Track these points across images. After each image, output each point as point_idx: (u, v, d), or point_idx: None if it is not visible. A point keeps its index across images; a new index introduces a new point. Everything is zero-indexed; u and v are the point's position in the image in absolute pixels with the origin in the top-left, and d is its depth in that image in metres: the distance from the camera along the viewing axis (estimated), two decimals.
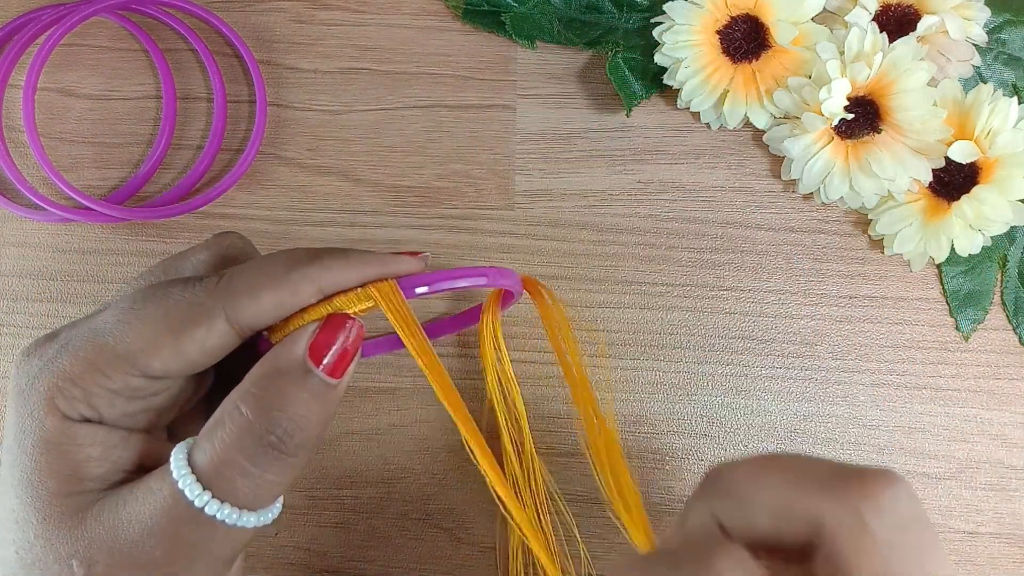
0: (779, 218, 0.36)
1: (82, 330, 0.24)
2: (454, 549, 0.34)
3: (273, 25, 0.37)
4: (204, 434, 0.23)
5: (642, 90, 0.35)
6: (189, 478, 0.22)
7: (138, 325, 0.23)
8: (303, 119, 0.37)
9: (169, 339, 0.23)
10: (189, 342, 0.23)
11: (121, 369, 0.23)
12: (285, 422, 0.23)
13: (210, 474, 0.22)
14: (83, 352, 0.23)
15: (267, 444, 0.23)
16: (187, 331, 0.23)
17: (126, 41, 0.37)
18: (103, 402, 0.23)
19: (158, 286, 0.24)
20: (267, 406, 0.23)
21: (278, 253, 0.25)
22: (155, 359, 0.23)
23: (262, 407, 0.23)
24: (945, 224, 0.33)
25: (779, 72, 0.34)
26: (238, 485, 0.23)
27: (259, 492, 0.23)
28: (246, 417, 0.23)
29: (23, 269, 0.36)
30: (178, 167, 0.36)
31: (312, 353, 0.23)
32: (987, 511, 0.34)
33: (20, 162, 0.36)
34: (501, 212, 0.36)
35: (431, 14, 0.37)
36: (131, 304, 0.24)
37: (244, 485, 0.23)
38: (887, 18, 0.34)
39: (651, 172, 0.36)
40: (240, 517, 0.23)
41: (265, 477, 0.23)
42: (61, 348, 0.23)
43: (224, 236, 0.28)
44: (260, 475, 0.23)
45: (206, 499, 0.22)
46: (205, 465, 0.22)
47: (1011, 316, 0.35)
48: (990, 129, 0.32)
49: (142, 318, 0.23)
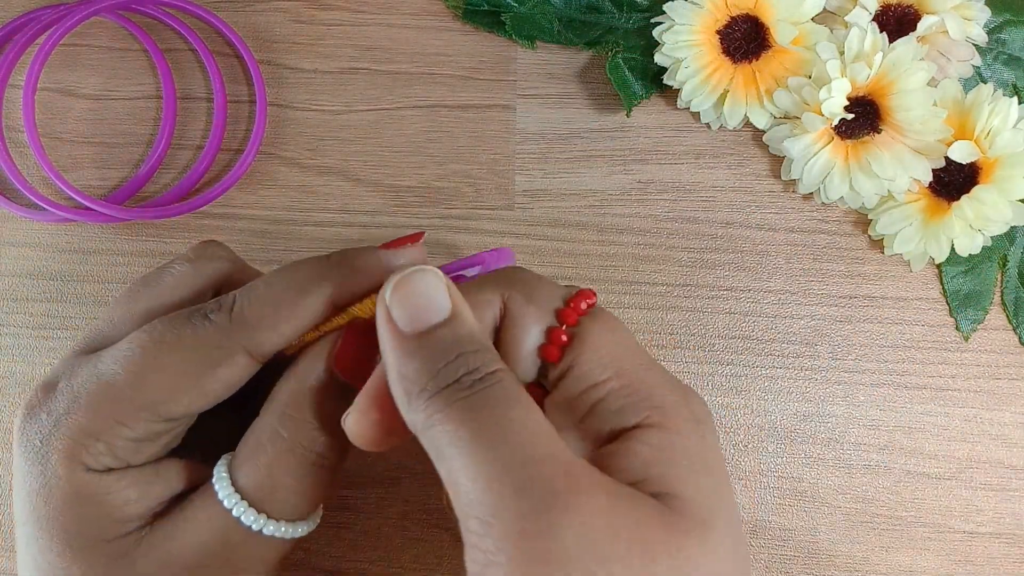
0: (779, 218, 0.36)
1: (89, 381, 0.23)
2: (454, 549, 0.34)
3: (273, 25, 0.37)
4: (246, 457, 0.23)
5: (642, 90, 0.35)
6: (242, 505, 0.23)
7: (155, 376, 0.23)
8: (303, 119, 0.37)
9: (192, 383, 0.23)
10: (212, 382, 0.23)
11: (143, 419, 0.23)
12: (325, 439, 0.23)
13: (261, 497, 0.23)
14: (100, 407, 0.23)
15: (312, 463, 0.23)
16: (209, 373, 0.23)
17: (126, 41, 0.37)
18: (128, 452, 0.23)
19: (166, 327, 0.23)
20: (305, 426, 0.23)
21: (284, 273, 0.24)
22: (178, 405, 0.23)
23: (301, 427, 0.23)
24: (945, 224, 0.33)
25: (779, 72, 0.34)
26: (290, 502, 0.23)
27: (309, 503, 0.24)
28: (287, 440, 0.23)
29: (23, 269, 0.36)
30: (178, 167, 0.36)
31: (338, 363, 0.24)
32: (987, 511, 0.34)
33: (20, 162, 0.36)
34: (501, 212, 0.36)
35: (431, 14, 0.37)
36: (141, 351, 0.23)
37: (295, 501, 0.23)
38: (887, 18, 0.34)
39: (651, 172, 0.36)
40: (294, 529, 0.24)
41: (313, 490, 0.23)
42: (72, 403, 0.23)
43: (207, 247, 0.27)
44: (309, 490, 0.23)
45: (262, 522, 0.23)
46: (253, 489, 0.23)
47: (1011, 316, 0.35)
48: (990, 129, 0.32)
49: (158, 368, 0.23)
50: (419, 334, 0.21)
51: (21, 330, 0.36)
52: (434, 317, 0.21)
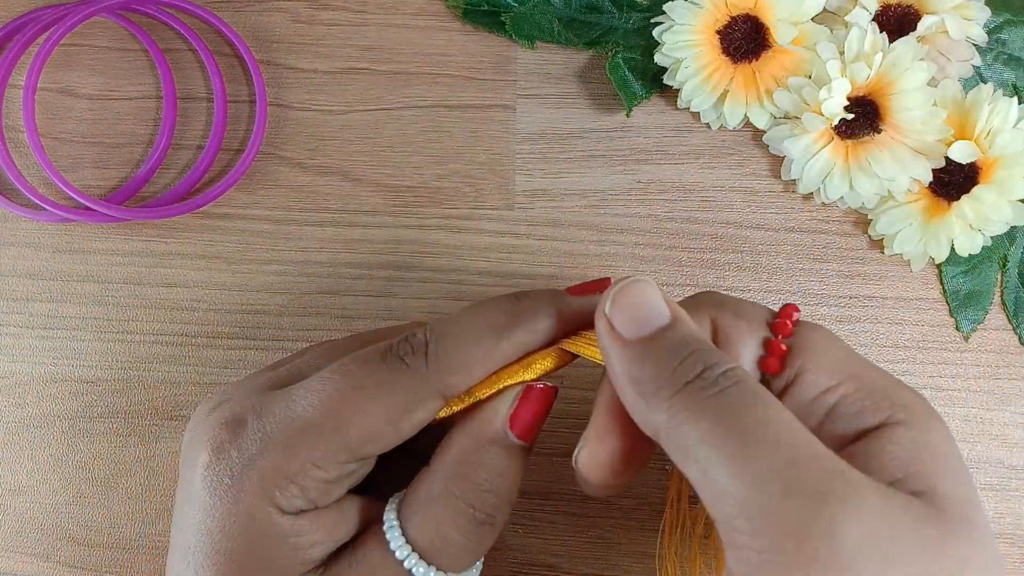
0: (779, 218, 0.36)
1: (284, 422, 0.23)
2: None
3: (273, 25, 0.37)
4: (415, 509, 0.24)
5: (642, 90, 0.35)
6: (413, 557, 0.23)
7: (354, 419, 0.23)
8: (303, 119, 0.37)
9: (389, 428, 0.23)
10: (407, 425, 0.24)
11: (338, 460, 0.23)
12: (494, 500, 0.24)
13: (431, 551, 0.23)
14: (296, 448, 0.23)
15: (480, 522, 0.24)
16: (405, 417, 0.23)
17: (126, 41, 0.37)
18: (319, 494, 0.23)
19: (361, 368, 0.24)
20: (477, 487, 0.23)
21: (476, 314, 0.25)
22: (375, 447, 0.23)
23: (472, 488, 0.23)
24: (945, 224, 0.33)
25: (779, 72, 0.34)
26: (457, 557, 0.24)
27: (473, 557, 0.24)
28: (458, 499, 0.23)
29: (23, 269, 0.36)
30: (178, 167, 0.36)
31: (512, 424, 0.24)
32: (987, 511, 0.34)
33: (20, 162, 0.36)
34: (501, 212, 0.36)
35: (431, 14, 0.37)
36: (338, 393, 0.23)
37: (462, 556, 0.24)
38: (887, 18, 0.34)
39: (651, 172, 0.36)
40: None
41: (479, 545, 0.24)
42: (265, 443, 0.23)
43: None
44: (475, 545, 0.24)
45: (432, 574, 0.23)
46: (425, 542, 0.23)
47: (1011, 316, 0.35)
48: (990, 129, 0.32)
49: (357, 412, 0.23)
50: (645, 339, 0.22)
51: (21, 330, 0.36)
52: (657, 321, 0.22)
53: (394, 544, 0.23)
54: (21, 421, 0.35)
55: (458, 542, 0.23)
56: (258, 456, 0.23)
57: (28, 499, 0.35)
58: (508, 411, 0.24)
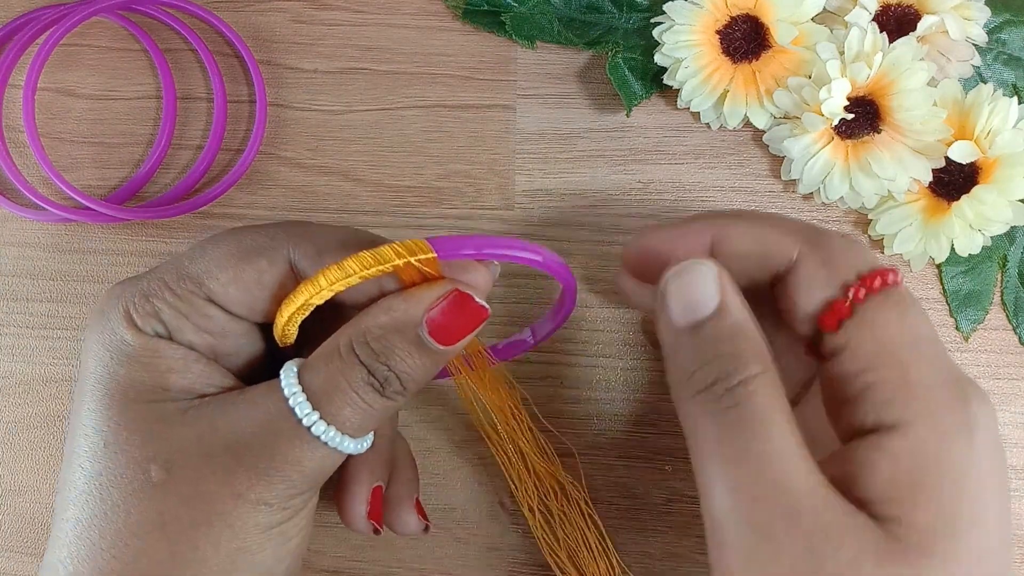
0: None
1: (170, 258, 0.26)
2: (454, 549, 0.34)
3: (273, 25, 0.37)
4: (316, 360, 0.24)
5: (642, 90, 0.35)
6: (301, 396, 0.23)
7: (210, 250, 0.25)
8: (303, 119, 0.37)
9: (232, 263, 0.25)
10: (250, 269, 0.25)
11: (187, 288, 0.24)
12: (391, 376, 0.24)
13: (319, 396, 0.24)
14: (159, 273, 0.25)
15: (370, 384, 0.24)
16: (250, 260, 0.25)
17: (126, 41, 0.37)
18: (172, 321, 0.24)
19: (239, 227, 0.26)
20: (377, 359, 0.24)
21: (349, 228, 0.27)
22: (216, 281, 0.24)
23: (373, 357, 0.24)
24: (945, 224, 0.33)
25: (779, 72, 0.34)
26: (344, 412, 0.24)
27: (360, 421, 0.24)
28: (359, 361, 0.24)
29: (23, 269, 0.36)
30: (178, 167, 0.36)
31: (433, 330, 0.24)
32: None
33: (20, 162, 0.36)
34: (501, 212, 0.36)
35: (431, 14, 0.37)
36: (212, 237, 0.26)
37: (349, 413, 0.24)
38: (887, 18, 0.34)
39: (651, 172, 0.36)
40: (341, 441, 0.24)
41: (368, 409, 0.24)
42: (141, 274, 0.26)
43: None
44: (364, 407, 0.24)
45: (315, 418, 0.23)
46: (316, 387, 0.24)
47: (1011, 316, 0.35)
48: (990, 129, 0.32)
49: (215, 244, 0.25)
50: (685, 329, 0.23)
51: (21, 330, 0.36)
52: (702, 311, 0.23)
53: (285, 381, 0.24)
54: (21, 421, 0.35)
55: (351, 397, 0.24)
56: (134, 281, 0.25)
57: (28, 499, 0.35)
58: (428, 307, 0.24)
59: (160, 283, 0.25)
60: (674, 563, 0.34)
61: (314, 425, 0.23)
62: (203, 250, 0.25)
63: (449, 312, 0.24)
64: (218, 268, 0.25)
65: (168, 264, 0.25)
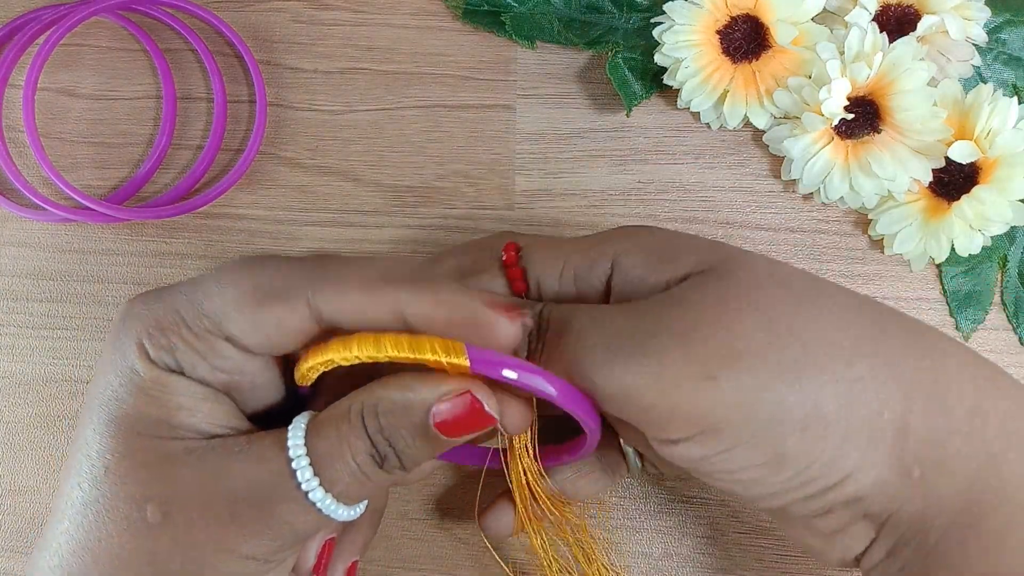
0: (779, 218, 0.36)
1: (184, 286, 0.25)
2: (454, 549, 0.34)
3: (273, 25, 0.37)
4: (326, 422, 0.24)
5: (642, 90, 0.35)
6: (304, 460, 0.23)
7: (228, 289, 0.24)
8: (303, 119, 0.37)
9: (250, 308, 0.24)
10: (269, 315, 0.24)
11: (205, 327, 0.24)
12: (390, 454, 0.24)
13: (322, 460, 0.23)
14: (176, 304, 0.24)
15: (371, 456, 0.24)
16: (269, 305, 0.24)
17: (126, 41, 0.37)
18: (186, 357, 0.24)
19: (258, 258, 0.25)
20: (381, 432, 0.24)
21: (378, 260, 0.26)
22: (233, 324, 0.24)
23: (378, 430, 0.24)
24: (945, 224, 0.33)
25: (779, 72, 0.34)
26: (344, 479, 0.24)
27: (356, 491, 0.24)
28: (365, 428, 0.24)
29: (23, 269, 0.36)
30: (178, 167, 0.37)
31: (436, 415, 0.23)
32: None
33: (20, 162, 0.36)
34: (501, 212, 0.36)
35: (431, 14, 0.37)
36: (230, 270, 0.25)
37: (348, 481, 0.24)
38: (887, 18, 0.34)
39: (651, 172, 0.36)
40: (336, 509, 0.24)
41: (365, 480, 0.24)
42: (159, 297, 0.25)
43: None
44: (362, 477, 0.24)
45: (314, 485, 0.23)
46: (320, 452, 0.23)
47: (1011, 316, 0.35)
48: (990, 129, 0.32)
49: (233, 283, 0.24)
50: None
51: (21, 330, 0.36)
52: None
53: (292, 440, 0.24)
54: (21, 421, 0.35)
55: (352, 467, 0.23)
56: (149, 306, 0.25)
57: (29, 499, 0.35)
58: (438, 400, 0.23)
59: (177, 317, 0.24)
60: (674, 563, 0.34)
61: (312, 492, 0.23)
62: (220, 287, 0.24)
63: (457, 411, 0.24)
64: (236, 311, 0.24)
65: (184, 294, 0.24)
